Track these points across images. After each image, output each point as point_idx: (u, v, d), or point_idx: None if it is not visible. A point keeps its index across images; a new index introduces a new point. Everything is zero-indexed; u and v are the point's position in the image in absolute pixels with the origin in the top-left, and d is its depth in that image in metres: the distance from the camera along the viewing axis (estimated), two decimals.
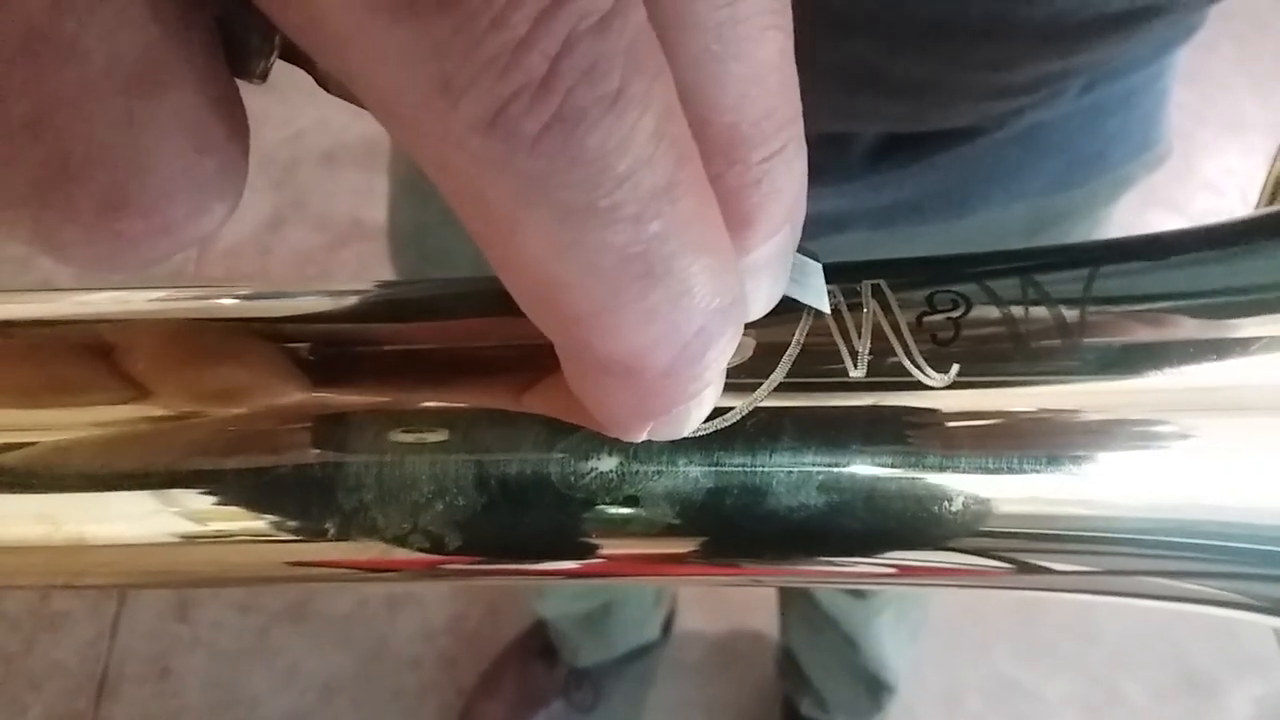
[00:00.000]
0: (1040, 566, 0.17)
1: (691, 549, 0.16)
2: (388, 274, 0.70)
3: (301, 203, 1.47)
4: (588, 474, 0.15)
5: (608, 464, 0.15)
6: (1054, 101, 0.41)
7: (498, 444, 0.15)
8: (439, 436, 0.15)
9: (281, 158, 1.50)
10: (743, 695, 1.18)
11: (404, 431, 0.15)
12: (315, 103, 1.54)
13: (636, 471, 0.15)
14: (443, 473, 0.15)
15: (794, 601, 1.03)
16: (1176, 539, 0.16)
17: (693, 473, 0.15)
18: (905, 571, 0.17)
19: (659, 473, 0.15)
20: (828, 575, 0.17)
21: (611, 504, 0.15)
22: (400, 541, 0.15)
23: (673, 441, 0.15)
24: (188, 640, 1.18)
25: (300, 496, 0.15)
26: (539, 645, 1.14)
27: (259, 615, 1.19)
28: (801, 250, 0.15)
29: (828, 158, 0.43)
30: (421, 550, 0.15)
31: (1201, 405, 0.16)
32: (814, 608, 0.96)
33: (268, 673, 1.17)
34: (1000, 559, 0.17)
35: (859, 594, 0.88)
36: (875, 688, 1.03)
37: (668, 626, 1.17)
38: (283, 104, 1.55)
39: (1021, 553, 0.17)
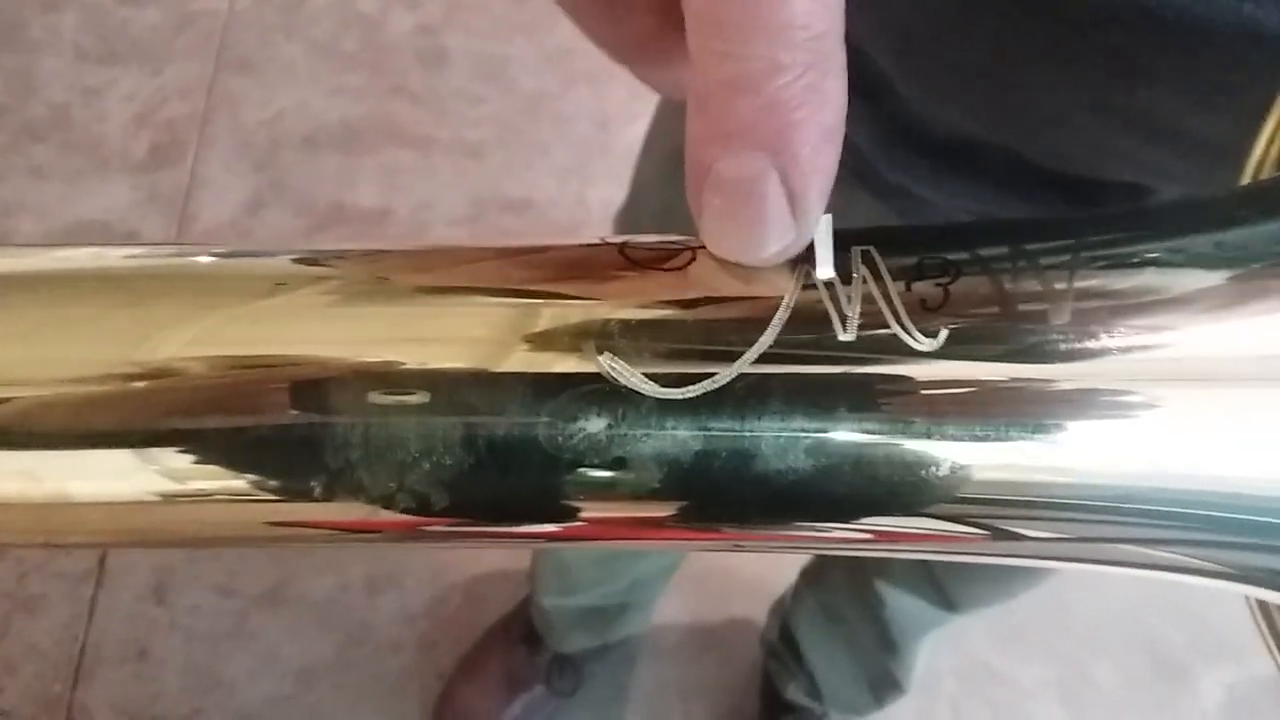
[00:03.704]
0: (1024, 533, 0.17)
1: (679, 512, 0.16)
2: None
3: (281, 186, 1.46)
4: (576, 435, 0.15)
5: (596, 425, 0.15)
6: None
7: (485, 404, 0.15)
8: (426, 396, 0.15)
9: (261, 140, 1.49)
10: (722, 680, 1.19)
11: (391, 391, 0.15)
12: (295, 84, 1.53)
13: (625, 433, 0.15)
14: (430, 432, 0.15)
15: (814, 587, 1.02)
16: (1161, 507, 0.16)
17: (681, 435, 0.15)
18: (889, 537, 0.17)
19: (647, 435, 0.15)
20: (813, 540, 0.17)
21: (599, 465, 0.15)
22: (386, 501, 0.15)
23: (660, 403, 0.15)
24: (165, 623, 1.17)
25: (286, 455, 0.15)
26: (521, 630, 1.13)
27: (238, 599, 1.19)
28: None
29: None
30: (407, 510, 0.15)
31: (1187, 375, 0.16)
32: (849, 602, 0.94)
33: (246, 657, 1.17)
34: (984, 525, 0.17)
35: (952, 607, 0.85)
36: (886, 687, 1.01)
37: None
38: (262, 86, 1.53)
39: (1006, 519, 0.17)
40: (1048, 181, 0.41)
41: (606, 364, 0.15)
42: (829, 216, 0.16)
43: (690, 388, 0.15)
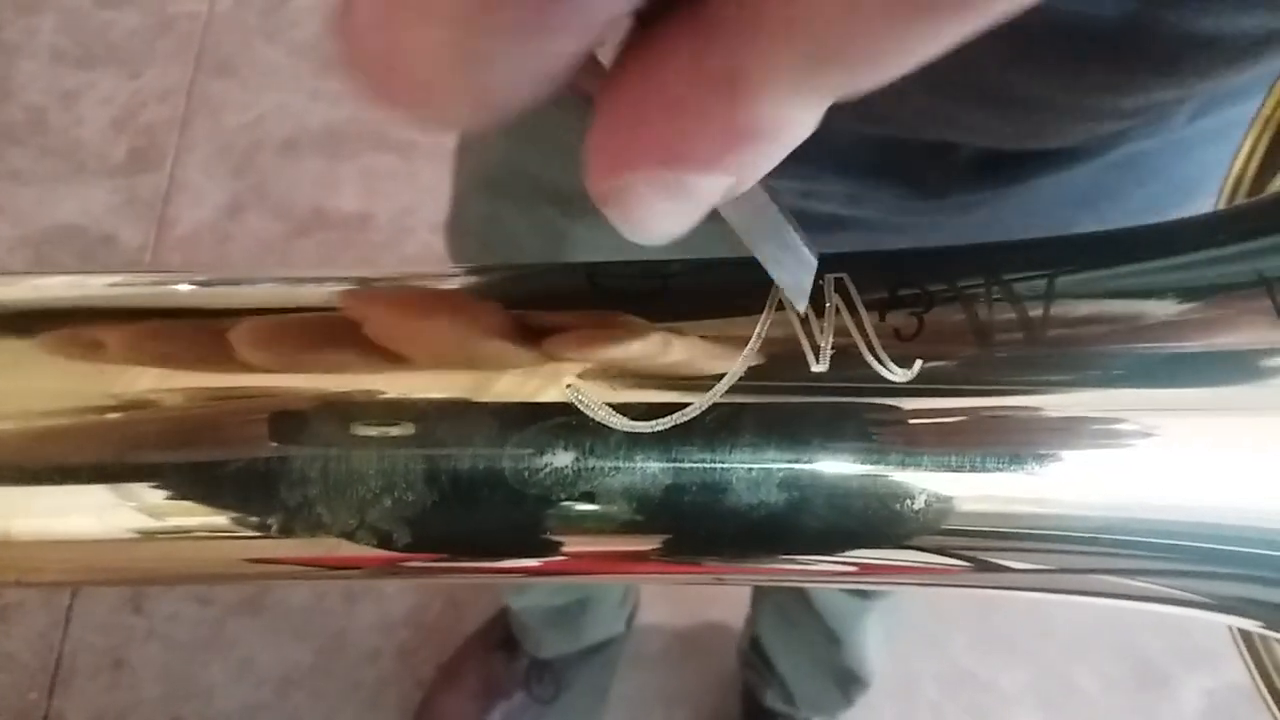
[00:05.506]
0: (1002, 565, 0.17)
1: (649, 546, 0.16)
2: (349, 264, 0.69)
3: (261, 190, 1.44)
4: (543, 469, 0.15)
5: (563, 459, 0.15)
6: (1161, 128, 0.40)
7: (449, 437, 0.15)
8: (387, 429, 0.15)
9: (241, 144, 1.48)
10: (703, 686, 1.18)
11: (351, 424, 0.15)
12: (276, 88, 1.52)
13: (593, 467, 0.15)
14: (391, 467, 0.15)
15: (769, 591, 1.03)
16: (1139, 538, 0.16)
17: (651, 469, 0.15)
18: (865, 570, 0.17)
19: (616, 469, 0.15)
20: (788, 574, 0.17)
21: (567, 500, 0.15)
22: (347, 538, 0.15)
23: (630, 437, 0.15)
24: (142, 632, 1.16)
25: (241, 491, 0.15)
26: (500, 636, 1.13)
27: (215, 607, 1.18)
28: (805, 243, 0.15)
29: (926, 169, 0.42)
30: (369, 546, 0.15)
31: (1162, 404, 0.16)
32: (795, 601, 0.95)
33: (224, 665, 1.16)
34: (962, 557, 0.17)
35: (861, 592, 0.87)
36: (848, 683, 1.03)
37: (630, 619, 1.17)
38: (243, 89, 1.52)
39: (983, 551, 0.17)
40: (854, 142, 0.41)
41: (574, 396, 0.15)
42: (813, 262, 0.16)
43: (660, 420, 0.15)
